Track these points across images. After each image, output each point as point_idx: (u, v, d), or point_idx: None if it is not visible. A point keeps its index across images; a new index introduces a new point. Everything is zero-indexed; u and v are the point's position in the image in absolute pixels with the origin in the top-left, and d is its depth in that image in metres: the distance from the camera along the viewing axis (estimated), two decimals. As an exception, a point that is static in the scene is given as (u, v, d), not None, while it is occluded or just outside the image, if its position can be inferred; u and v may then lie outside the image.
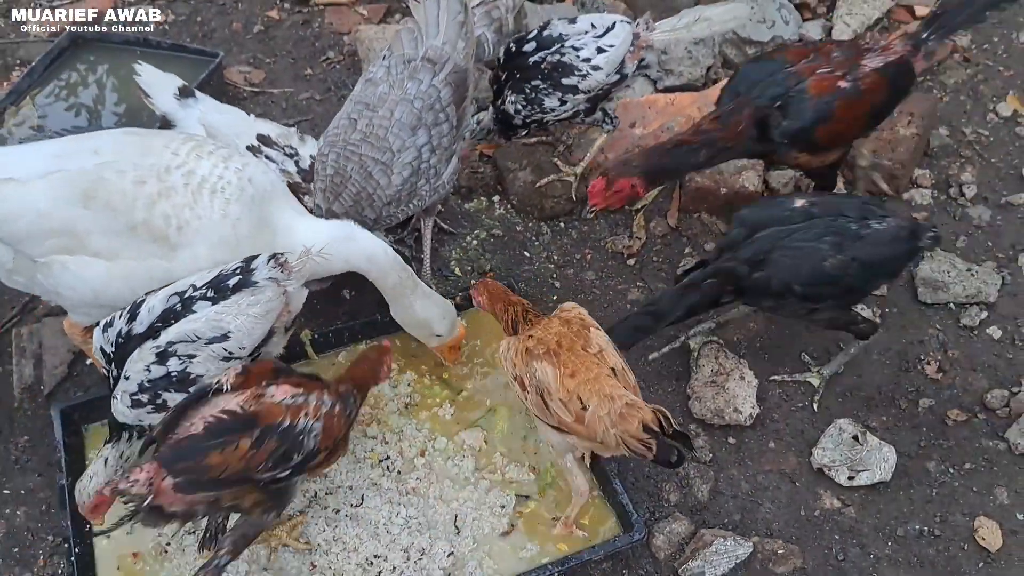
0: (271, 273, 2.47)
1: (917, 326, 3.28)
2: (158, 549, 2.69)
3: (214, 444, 2.19)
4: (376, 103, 2.82)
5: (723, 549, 2.70)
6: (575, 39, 3.22)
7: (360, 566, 2.65)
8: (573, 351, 2.53)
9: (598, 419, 2.40)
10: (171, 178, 2.47)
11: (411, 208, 2.95)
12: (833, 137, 3.01)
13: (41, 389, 3.07)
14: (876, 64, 2.99)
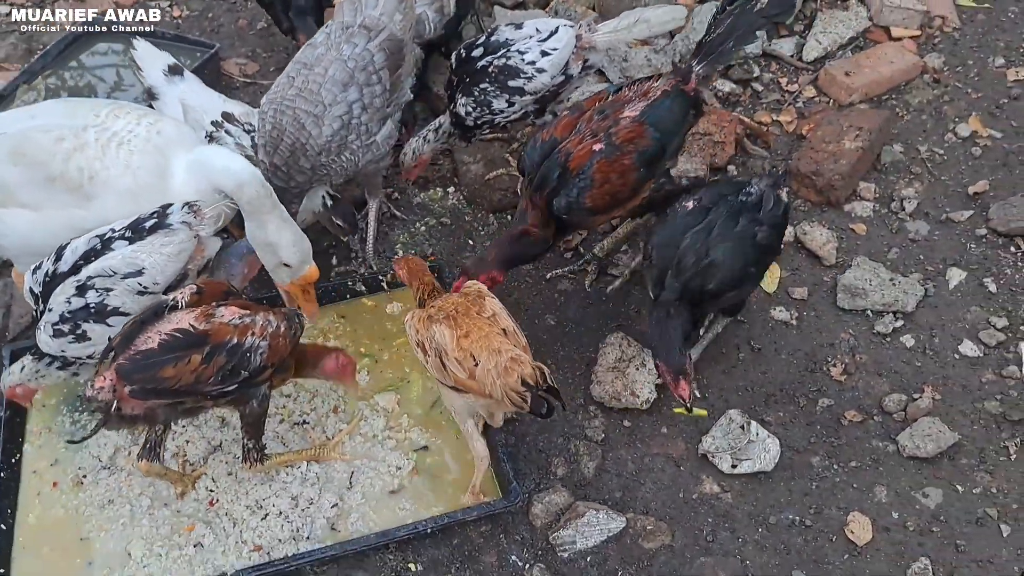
0: (184, 217, 2.72)
1: (830, 330, 3.34)
2: (75, 480, 2.94)
3: (168, 358, 2.44)
4: (313, 62, 3.05)
5: (595, 521, 2.82)
6: (520, 43, 3.39)
7: (249, 507, 2.86)
8: (468, 315, 2.71)
9: (486, 372, 2.56)
10: (86, 135, 2.73)
11: (344, 161, 3.12)
12: (607, 198, 3.01)
13: (6, 335, 3.36)
14: (634, 113, 3.02)
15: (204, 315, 2.55)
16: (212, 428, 3.05)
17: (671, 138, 3.09)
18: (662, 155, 3.08)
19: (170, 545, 2.78)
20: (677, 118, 3.08)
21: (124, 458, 2.98)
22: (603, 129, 3.01)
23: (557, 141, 3.05)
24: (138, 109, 2.87)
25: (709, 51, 3.11)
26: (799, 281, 3.50)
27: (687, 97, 3.09)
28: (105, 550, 2.78)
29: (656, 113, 3.02)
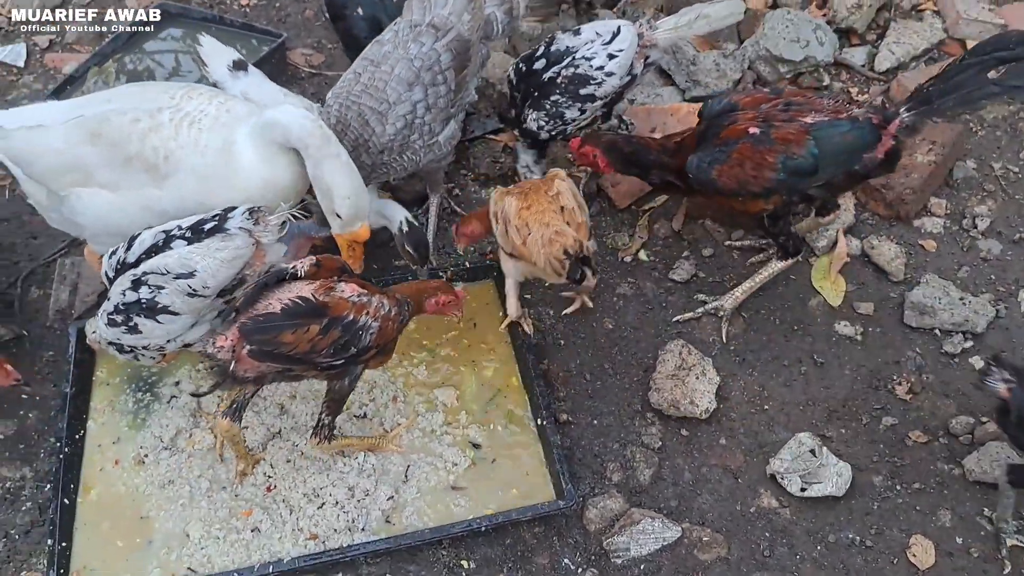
0: (243, 223, 2.69)
1: (896, 347, 3.28)
2: (137, 459, 2.98)
3: (288, 324, 2.53)
4: (380, 60, 3.05)
5: (650, 529, 2.80)
6: (584, 49, 3.37)
7: (306, 495, 2.88)
8: (536, 192, 2.96)
9: (534, 241, 2.85)
10: (161, 116, 2.76)
11: (405, 160, 3.13)
12: (733, 181, 2.97)
13: (72, 313, 3.41)
14: (808, 119, 2.93)
15: (324, 288, 2.62)
16: (271, 415, 3.07)
17: (829, 164, 2.94)
18: (810, 174, 2.95)
19: (228, 528, 2.81)
20: (847, 149, 2.93)
21: (185, 440, 3.02)
22: (776, 119, 2.96)
23: (737, 108, 3.04)
24: (210, 91, 2.90)
25: (924, 100, 2.89)
26: (865, 296, 3.44)
27: (875, 136, 2.92)
28: (164, 529, 2.82)
29: (828, 132, 2.91)
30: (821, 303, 3.42)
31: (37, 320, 3.40)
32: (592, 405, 3.15)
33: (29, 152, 2.86)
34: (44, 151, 2.82)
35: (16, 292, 3.47)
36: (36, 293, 3.48)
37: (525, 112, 3.43)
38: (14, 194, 3.80)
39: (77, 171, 2.81)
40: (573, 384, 3.20)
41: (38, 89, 4.25)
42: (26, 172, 2.93)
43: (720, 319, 3.34)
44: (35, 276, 3.54)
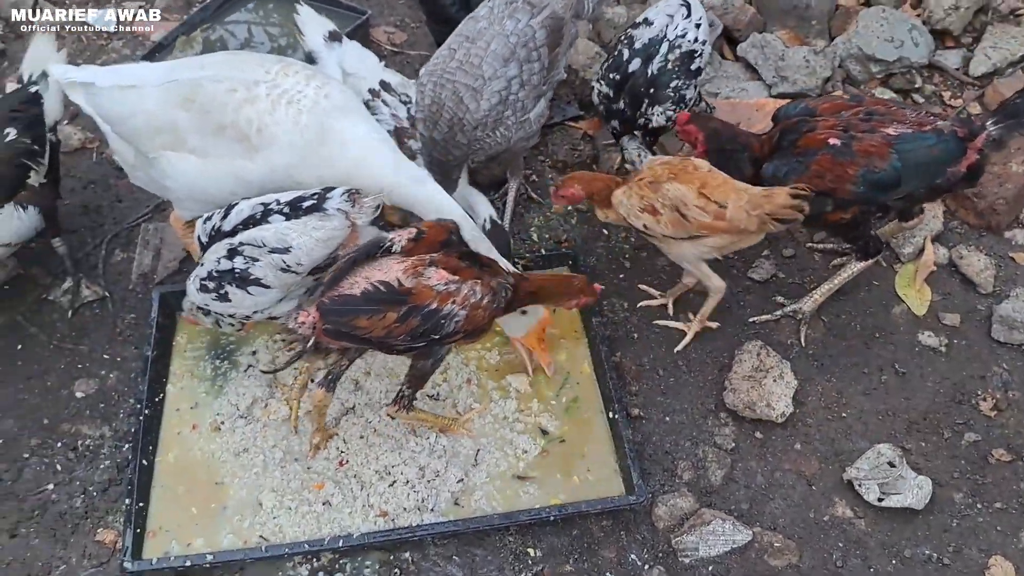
0: (341, 205, 2.71)
1: (982, 361, 3.20)
2: (214, 425, 3.03)
3: (365, 309, 2.50)
4: (475, 36, 3.04)
5: (720, 531, 2.77)
6: (671, 31, 3.34)
7: (378, 472, 2.90)
8: (687, 172, 2.93)
9: (738, 208, 2.82)
10: (258, 89, 2.77)
11: (498, 136, 3.10)
12: (814, 191, 2.86)
13: (154, 277, 3.48)
14: (890, 130, 2.85)
15: (413, 270, 2.56)
16: (346, 391, 3.10)
17: (912, 178, 2.87)
18: (893, 187, 2.89)
19: (300, 500, 2.85)
20: (931, 162, 2.86)
21: (261, 410, 3.06)
22: (857, 129, 2.88)
23: (814, 113, 2.98)
24: (306, 69, 2.90)
25: (1012, 113, 2.85)
26: (951, 307, 3.36)
27: (960, 150, 2.86)
28: (238, 496, 2.87)
29: (911, 145, 2.83)
30: (905, 311, 3.35)
31: (120, 283, 3.48)
32: (664, 402, 3.12)
33: (120, 111, 2.91)
34: (135, 111, 2.87)
35: (101, 254, 3.54)
36: (120, 256, 3.56)
37: (647, 112, 3.36)
38: (101, 157, 3.88)
39: (168, 134, 2.84)
40: (646, 379, 3.18)
41: (127, 55, 4.34)
42: (115, 130, 2.99)
43: (799, 322, 3.28)
44: (119, 239, 3.62)
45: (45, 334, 3.31)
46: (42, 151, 3.22)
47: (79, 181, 3.81)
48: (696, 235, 2.93)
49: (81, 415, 3.12)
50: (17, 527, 2.86)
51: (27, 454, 3.02)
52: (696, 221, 2.87)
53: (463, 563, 2.76)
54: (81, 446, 3.04)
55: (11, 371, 3.22)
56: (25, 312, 3.37)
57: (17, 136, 3.15)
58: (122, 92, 2.89)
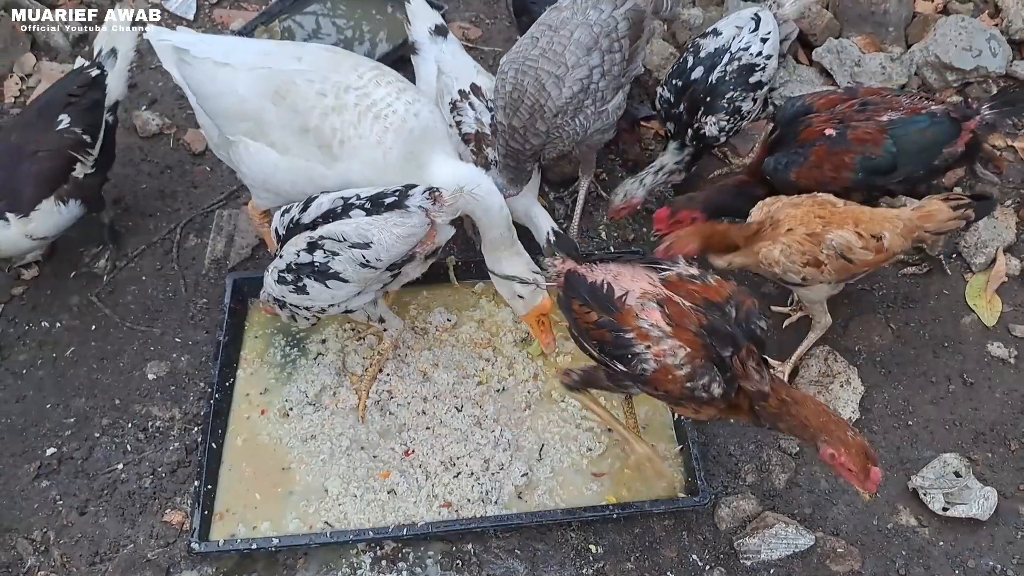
0: (422, 203, 2.71)
1: (1052, 374, 3.17)
2: (282, 411, 3.08)
3: (582, 296, 2.48)
4: (559, 25, 3.04)
5: (783, 534, 2.77)
6: (736, 43, 3.33)
7: (443, 463, 2.94)
8: (836, 214, 2.83)
9: (896, 237, 2.80)
10: (347, 96, 2.78)
11: (576, 125, 3.09)
12: (812, 182, 2.94)
13: (227, 263, 3.54)
14: (884, 117, 2.91)
15: (644, 295, 2.40)
16: (415, 381, 3.14)
17: (908, 161, 2.94)
18: (890, 171, 2.95)
19: (365, 488, 2.89)
20: (926, 144, 2.93)
21: (329, 398, 3.11)
22: (852, 119, 2.94)
23: (812, 110, 3.03)
24: (399, 81, 2.91)
25: (1009, 101, 2.94)
26: (1022, 318, 3.32)
27: (955, 130, 2.92)
28: (304, 482, 2.92)
29: (906, 128, 2.90)
30: (974, 321, 3.31)
31: (193, 267, 3.55)
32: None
33: (210, 88, 2.91)
34: (225, 92, 2.87)
35: (175, 239, 3.61)
36: (194, 241, 3.63)
37: (701, 121, 3.36)
38: (178, 143, 3.96)
39: (252, 122, 2.86)
40: (711, 380, 3.18)
41: (203, 44, 4.39)
42: (202, 104, 3.00)
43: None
44: (193, 224, 3.68)
45: (119, 316, 3.39)
46: (93, 142, 3.26)
47: (156, 166, 3.88)
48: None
49: (152, 397, 3.19)
50: (87, 505, 2.93)
51: (98, 433, 3.09)
52: (862, 262, 2.82)
53: (524, 557, 2.79)
54: (151, 427, 3.11)
55: (85, 351, 3.31)
56: (100, 293, 3.45)
57: (70, 124, 3.20)
58: (215, 68, 2.88)
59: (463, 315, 3.35)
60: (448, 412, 3.06)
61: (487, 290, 3.39)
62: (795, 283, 2.92)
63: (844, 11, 4.21)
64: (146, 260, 3.57)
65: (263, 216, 3.25)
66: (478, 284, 3.45)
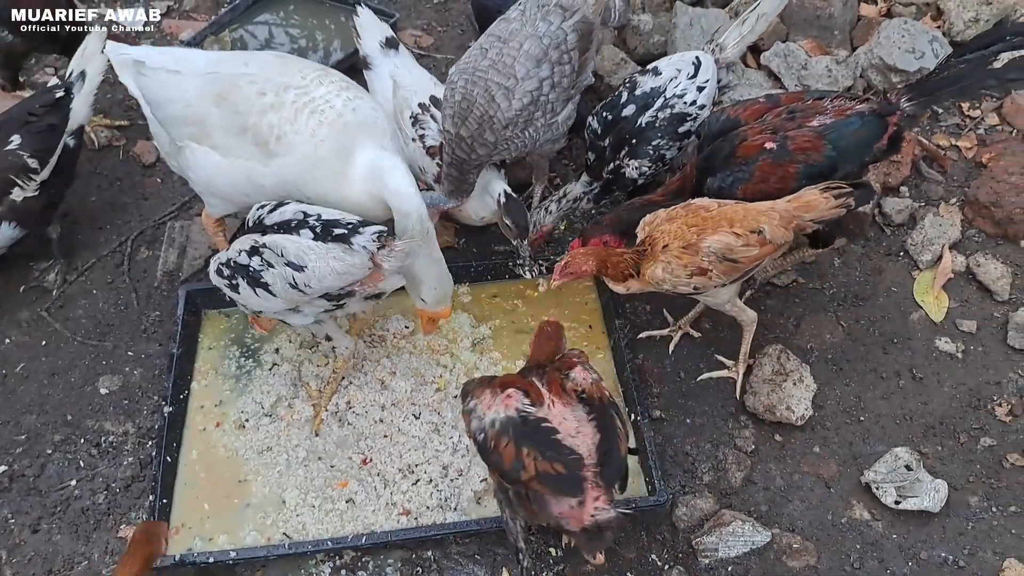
0: (368, 243, 2.65)
1: (998, 368, 3.23)
2: (238, 423, 3.06)
3: (618, 436, 2.38)
4: (508, 37, 3.05)
5: (740, 532, 2.80)
6: (672, 87, 3.30)
7: (401, 471, 2.94)
8: (709, 219, 2.82)
9: (775, 228, 2.79)
10: (287, 95, 2.79)
11: (526, 137, 3.12)
12: (759, 196, 2.93)
13: (179, 275, 3.52)
14: (819, 122, 2.95)
15: (559, 385, 2.47)
16: (373, 390, 3.14)
17: (847, 161, 2.98)
18: (830, 174, 2.97)
19: (323, 497, 2.88)
20: (861, 144, 2.97)
21: (285, 409, 3.09)
22: (785, 129, 2.97)
23: (739, 123, 3.04)
24: (343, 80, 2.92)
25: (925, 91, 2.97)
26: (968, 314, 3.39)
27: (882, 127, 2.97)
28: (261, 494, 2.90)
29: (840, 132, 2.94)
30: (922, 318, 3.38)
31: (145, 280, 3.51)
32: (686, 404, 3.15)
33: (161, 95, 2.93)
34: (175, 98, 2.89)
35: (126, 251, 3.57)
36: (145, 253, 3.60)
37: (622, 161, 3.34)
38: (128, 155, 3.92)
39: (197, 126, 2.87)
40: (667, 381, 3.21)
41: (153, 55, 4.35)
42: (154, 113, 3.01)
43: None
44: (145, 236, 3.66)
45: (69, 331, 3.35)
46: (41, 166, 3.24)
47: (106, 179, 3.85)
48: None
49: (105, 411, 3.15)
50: (39, 522, 2.89)
51: (50, 450, 3.05)
52: (747, 259, 2.82)
53: (485, 562, 2.79)
54: (104, 442, 3.07)
55: (35, 367, 3.26)
56: (50, 308, 3.40)
57: (19, 147, 3.19)
58: (167, 75, 2.90)
59: (417, 321, 3.34)
60: (406, 420, 3.05)
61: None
62: (692, 294, 2.94)
63: (790, 16, 4.27)
64: (97, 273, 3.53)
65: (217, 224, 3.23)
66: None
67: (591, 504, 2.23)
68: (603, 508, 2.23)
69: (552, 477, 2.24)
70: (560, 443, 2.29)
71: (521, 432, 2.31)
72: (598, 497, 2.24)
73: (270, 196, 2.89)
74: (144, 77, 2.95)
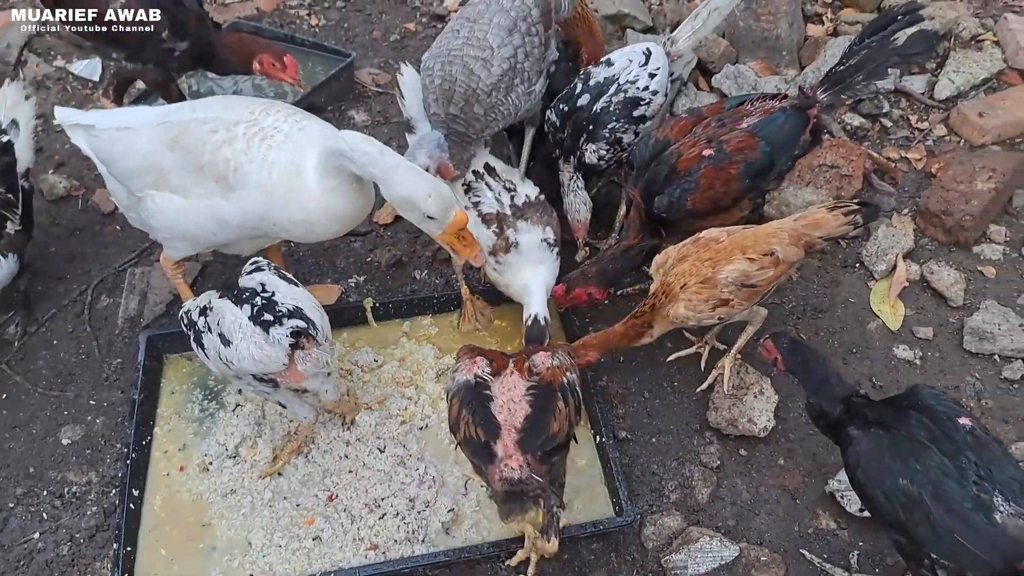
0: (282, 337, 2.61)
1: (955, 372, 3.27)
2: (202, 466, 3.04)
3: (549, 415, 2.41)
4: (476, 16, 3.17)
5: (708, 548, 2.80)
6: (625, 75, 3.40)
7: (368, 505, 2.92)
8: (722, 250, 2.90)
9: (787, 248, 2.89)
10: (237, 129, 2.82)
11: (511, 102, 3.17)
12: (708, 203, 3.08)
13: (141, 321, 3.50)
14: (747, 123, 3.09)
15: (523, 369, 2.53)
16: (335, 425, 3.13)
17: (780, 155, 3.13)
18: (769, 170, 3.13)
19: (290, 536, 2.85)
20: (789, 137, 3.13)
21: (248, 449, 3.07)
22: (718, 136, 3.07)
23: (670, 142, 3.13)
24: (289, 108, 2.95)
25: (837, 81, 3.14)
26: (924, 321, 3.43)
27: (805, 120, 3.13)
28: (227, 536, 2.87)
29: (769, 128, 3.08)
30: (880, 327, 3.42)
31: (106, 328, 3.50)
32: (650, 423, 3.16)
33: (115, 151, 2.98)
34: (129, 151, 2.94)
35: (87, 300, 3.57)
36: (106, 302, 3.58)
37: (582, 148, 3.42)
38: (87, 204, 3.92)
39: (154, 173, 2.91)
40: (632, 402, 3.23)
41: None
42: (110, 170, 3.05)
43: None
44: (105, 285, 3.64)
45: (30, 382, 3.33)
46: (16, 200, 3.30)
47: (65, 229, 3.84)
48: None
49: (67, 462, 3.12)
50: (3, 577, 2.86)
51: (12, 503, 3.01)
52: (765, 281, 2.89)
53: (455, 592, 2.78)
54: (68, 493, 3.04)
55: (-3, 421, 3.24)
56: (10, 361, 3.38)
57: None
58: (118, 133, 2.97)
59: (385, 353, 3.36)
60: (371, 454, 3.04)
61: (411, 328, 3.44)
62: (717, 323, 3.01)
63: (739, 38, 4.36)
64: (57, 324, 3.52)
65: (175, 267, 3.23)
66: (405, 323, 3.46)
67: (503, 464, 2.35)
68: (511, 468, 2.33)
69: (472, 441, 2.40)
70: (488, 410, 2.41)
71: (467, 396, 2.46)
72: (511, 457, 2.35)
73: (236, 231, 2.92)
74: (96, 138, 3.02)
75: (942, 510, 2.25)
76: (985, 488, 2.26)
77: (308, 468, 3.02)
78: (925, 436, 2.38)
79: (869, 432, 2.45)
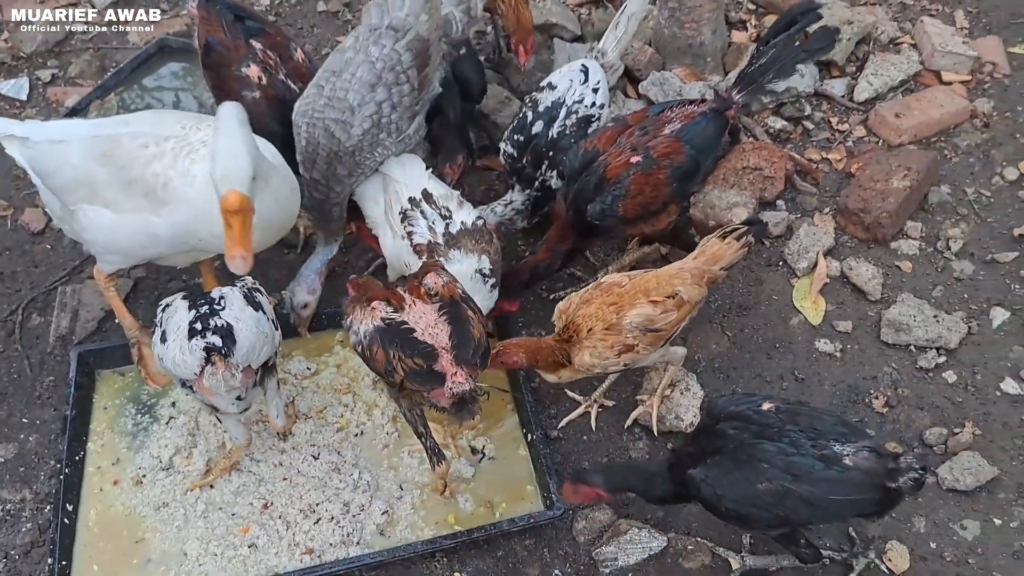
0: (195, 348, 2.63)
1: (873, 363, 3.38)
2: (135, 479, 3.05)
3: (468, 323, 2.57)
4: (341, 68, 3.12)
5: (637, 539, 2.88)
6: (570, 96, 3.49)
7: (302, 511, 2.96)
8: (624, 294, 2.91)
9: (689, 287, 2.94)
10: (167, 144, 2.84)
11: (377, 156, 3.18)
12: (639, 208, 3.16)
13: (72, 338, 3.50)
14: (670, 129, 3.20)
15: (416, 291, 2.64)
16: (270, 434, 3.16)
17: (705, 157, 3.24)
18: (695, 173, 3.23)
19: (225, 545, 2.88)
20: (712, 138, 3.23)
21: (182, 459, 3.09)
22: (643, 144, 3.16)
23: (599, 152, 3.21)
24: None
25: (749, 81, 3.27)
26: (844, 315, 3.55)
27: (724, 121, 3.24)
28: (161, 549, 2.90)
29: (693, 131, 3.19)
30: (802, 322, 3.53)
31: (37, 346, 3.49)
32: (581, 422, 3.23)
33: (49, 164, 2.97)
34: (62, 164, 2.93)
35: (17, 320, 3.55)
36: (37, 320, 3.57)
37: (546, 175, 3.48)
38: (16, 223, 3.91)
39: (86, 187, 2.91)
40: (564, 402, 3.30)
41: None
42: (45, 183, 3.03)
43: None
44: (36, 304, 3.63)
45: (-39, 403, 3.31)
46: None
47: (-7, 249, 3.83)
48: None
49: (1, 480, 3.11)
50: (-63, 600, 2.84)
51: (-54, 524, 3.00)
52: (669, 324, 2.90)
53: (391, 593, 2.82)
54: (2, 511, 3.03)
55: (-72, 442, 3.21)
56: (-59, 382, 3.37)
57: None
58: (52, 146, 2.95)
59: (319, 361, 3.40)
60: (305, 461, 3.08)
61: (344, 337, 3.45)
62: (625, 369, 3.03)
63: (665, 45, 4.47)
64: (-12, 344, 3.50)
65: (108, 280, 3.22)
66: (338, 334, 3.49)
67: (450, 381, 2.49)
68: (460, 382, 2.49)
69: (416, 372, 2.50)
70: (416, 339, 2.52)
71: (386, 337, 2.54)
72: (455, 374, 2.49)
73: (167, 245, 2.94)
74: (30, 151, 3.01)
75: (806, 485, 2.38)
76: (822, 445, 2.42)
77: (242, 479, 3.05)
78: (749, 436, 2.49)
79: (706, 464, 2.52)
